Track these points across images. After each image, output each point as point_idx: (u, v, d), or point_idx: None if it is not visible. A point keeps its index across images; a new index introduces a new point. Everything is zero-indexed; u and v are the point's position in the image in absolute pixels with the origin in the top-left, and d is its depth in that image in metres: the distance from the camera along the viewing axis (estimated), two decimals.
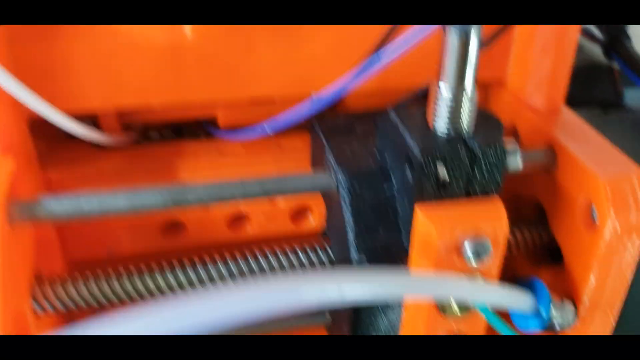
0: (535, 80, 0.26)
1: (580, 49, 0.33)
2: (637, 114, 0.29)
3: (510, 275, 0.28)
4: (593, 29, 0.33)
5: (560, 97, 0.26)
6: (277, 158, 0.27)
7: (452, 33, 0.19)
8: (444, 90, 0.19)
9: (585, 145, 0.24)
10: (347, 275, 0.17)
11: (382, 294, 0.18)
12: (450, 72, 0.19)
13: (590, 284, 0.23)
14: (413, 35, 0.20)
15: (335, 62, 0.24)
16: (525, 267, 0.27)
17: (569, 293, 0.24)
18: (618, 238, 0.22)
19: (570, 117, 0.26)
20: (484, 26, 0.20)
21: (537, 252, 0.26)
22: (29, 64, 0.22)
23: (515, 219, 0.26)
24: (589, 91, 0.31)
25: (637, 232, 0.22)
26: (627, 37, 0.31)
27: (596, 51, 0.32)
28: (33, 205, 0.21)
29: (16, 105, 0.21)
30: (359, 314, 0.22)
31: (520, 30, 0.26)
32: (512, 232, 0.26)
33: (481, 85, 0.22)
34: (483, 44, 0.23)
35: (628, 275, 0.23)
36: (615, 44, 0.30)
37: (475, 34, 0.19)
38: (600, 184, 0.22)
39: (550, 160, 0.24)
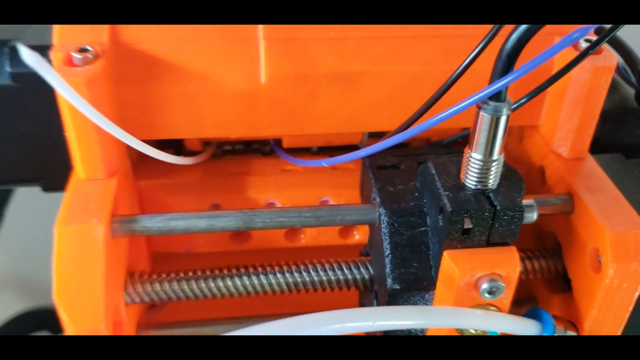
0: (563, 132, 0.29)
1: (616, 90, 0.36)
2: None
3: (530, 296, 0.32)
4: (630, 72, 0.36)
5: (585, 147, 0.29)
6: (331, 179, 0.32)
7: (485, 112, 0.22)
8: (475, 159, 0.23)
9: (600, 197, 0.27)
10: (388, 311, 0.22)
11: (413, 324, 0.23)
12: (481, 144, 0.23)
13: (591, 316, 0.27)
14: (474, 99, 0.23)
15: (385, 107, 0.28)
16: (543, 291, 0.31)
17: (574, 321, 0.28)
18: (618, 283, 0.26)
19: (592, 166, 0.29)
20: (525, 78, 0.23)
21: (553, 280, 0.30)
22: (131, 102, 0.27)
23: (536, 250, 0.30)
24: (619, 133, 0.33)
25: (636, 279, 0.26)
26: None
27: (632, 93, 0.35)
28: (130, 222, 0.26)
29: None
30: None
31: (554, 86, 0.29)
32: (532, 261, 0.29)
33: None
34: (524, 100, 0.27)
35: (626, 312, 0.27)
36: None
37: (505, 114, 0.22)
38: (607, 236, 0.25)
39: (568, 206, 0.28)
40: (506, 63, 0.21)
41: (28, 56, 0.19)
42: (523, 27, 0.21)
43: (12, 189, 0.47)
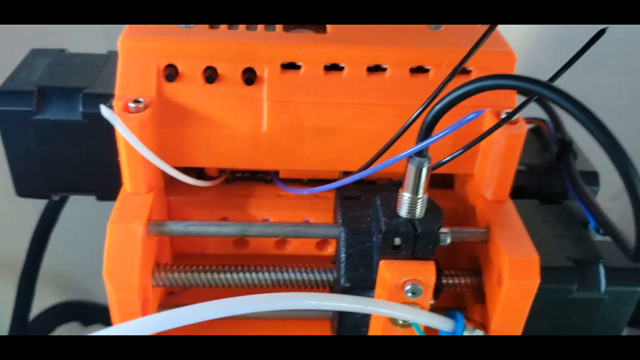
0: (487, 180, 0.38)
1: (547, 149, 0.45)
2: (568, 208, 0.41)
3: (462, 306, 0.42)
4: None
5: (504, 193, 0.38)
6: (313, 204, 0.41)
7: (412, 165, 0.32)
8: (405, 196, 0.33)
9: (508, 231, 0.36)
10: (342, 297, 0.32)
11: (359, 309, 0.33)
12: (409, 186, 0.32)
13: (495, 320, 0.36)
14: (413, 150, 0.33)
15: (353, 153, 0.38)
16: (470, 302, 0.40)
17: (485, 324, 0.37)
18: (513, 296, 0.35)
19: (508, 208, 0.38)
20: (465, 130, 0.33)
21: (476, 292, 0.39)
22: (168, 139, 0.37)
23: (466, 269, 0.39)
24: (542, 184, 0.42)
25: (528, 293, 0.35)
26: (574, 154, 0.42)
27: None
28: (160, 226, 0.36)
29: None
30: (342, 314, 0.36)
31: (483, 144, 0.38)
32: (459, 277, 0.38)
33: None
34: (465, 149, 0.36)
35: (522, 318, 0.36)
36: (562, 157, 0.42)
37: (426, 166, 0.32)
38: (506, 260, 0.35)
39: (486, 237, 0.37)
40: (426, 131, 0.31)
41: (104, 110, 0.29)
42: (437, 107, 0.30)
43: (67, 198, 0.57)
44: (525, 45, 0.74)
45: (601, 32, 0.33)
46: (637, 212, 0.27)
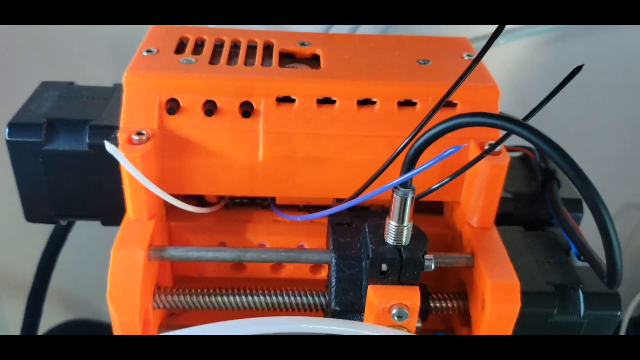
0: (473, 208, 0.40)
1: (534, 178, 0.47)
2: (551, 234, 0.42)
3: (451, 328, 0.43)
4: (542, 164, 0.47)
5: (489, 220, 0.40)
6: (308, 230, 0.43)
7: (397, 195, 0.34)
8: (392, 224, 0.35)
9: (491, 257, 0.38)
10: (331, 321, 0.34)
11: (348, 332, 0.34)
12: (395, 215, 0.34)
13: None
14: (397, 182, 0.35)
15: (344, 182, 0.40)
16: (457, 325, 0.42)
17: None
18: (496, 319, 0.36)
19: (493, 235, 0.40)
20: (452, 160, 0.35)
21: (463, 316, 0.41)
22: (169, 168, 0.39)
23: (452, 293, 0.41)
24: (527, 211, 0.44)
25: (509, 317, 0.36)
26: (558, 183, 0.44)
27: None
28: (161, 251, 0.38)
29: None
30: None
31: (468, 174, 0.40)
32: (447, 301, 0.40)
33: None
34: (450, 178, 0.38)
35: None
36: (546, 185, 0.44)
37: (410, 196, 0.34)
38: (488, 285, 0.36)
39: (470, 262, 0.39)
40: (409, 164, 0.33)
41: (109, 146, 0.31)
42: (418, 142, 0.32)
43: (73, 222, 0.60)
44: (521, 65, 0.76)
45: (577, 69, 0.34)
46: (605, 242, 0.29)
